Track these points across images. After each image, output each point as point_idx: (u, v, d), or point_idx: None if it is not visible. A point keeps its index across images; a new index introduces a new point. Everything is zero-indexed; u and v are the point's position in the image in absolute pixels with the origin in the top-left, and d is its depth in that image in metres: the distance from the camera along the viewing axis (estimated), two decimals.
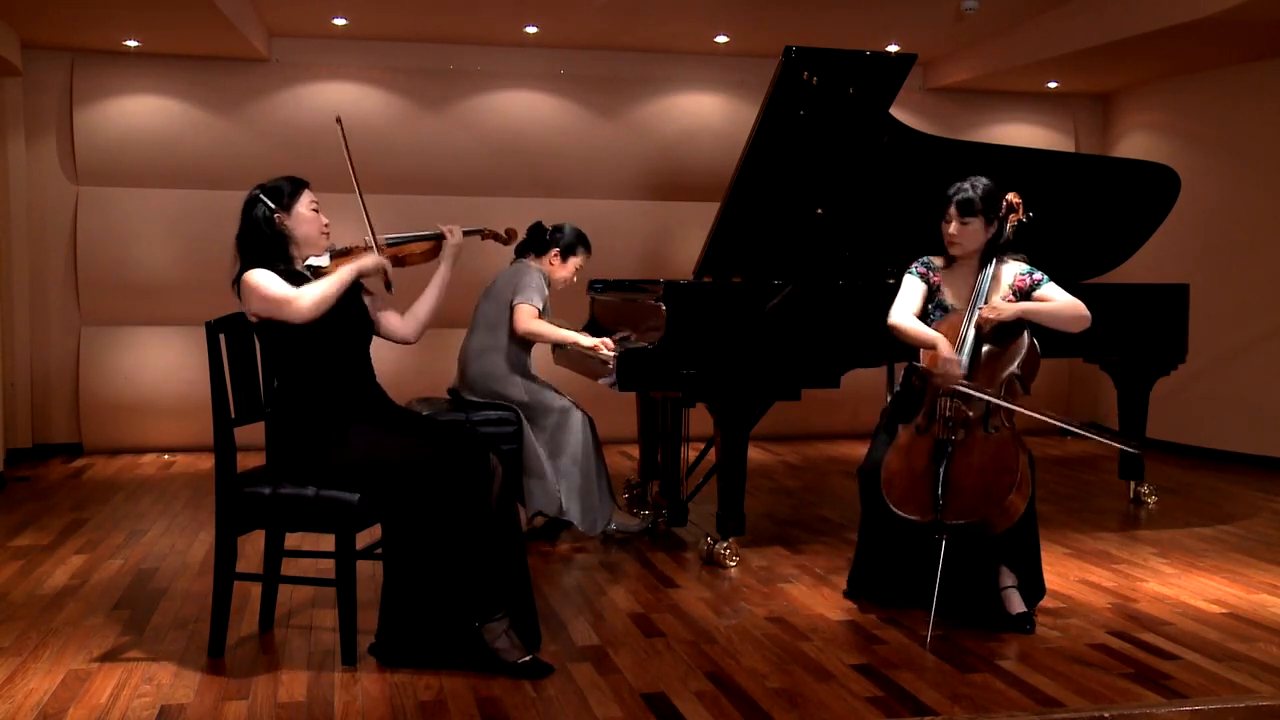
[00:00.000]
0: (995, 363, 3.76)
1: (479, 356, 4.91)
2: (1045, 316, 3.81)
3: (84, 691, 3.18)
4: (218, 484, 3.46)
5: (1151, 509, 5.73)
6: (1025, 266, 3.92)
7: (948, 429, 3.68)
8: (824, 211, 5.18)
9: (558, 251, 5.03)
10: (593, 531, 4.89)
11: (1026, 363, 3.77)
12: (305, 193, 3.55)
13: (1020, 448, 3.66)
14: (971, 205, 3.81)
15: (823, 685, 3.25)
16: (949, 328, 3.85)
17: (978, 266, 3.90)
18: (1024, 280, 3.88)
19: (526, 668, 3.28)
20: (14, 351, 7.06)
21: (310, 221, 3.53)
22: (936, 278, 3.99)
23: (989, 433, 3.68)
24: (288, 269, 3.48)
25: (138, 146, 7.21)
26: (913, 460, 3.72)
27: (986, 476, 3.60)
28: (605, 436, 5.14)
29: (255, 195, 3.51)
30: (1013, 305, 3.79)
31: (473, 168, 7.62)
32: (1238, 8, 5.74)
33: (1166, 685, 3.26)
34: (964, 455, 3.66)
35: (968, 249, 3.88)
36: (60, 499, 5.89)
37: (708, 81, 7.94)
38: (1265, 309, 7.10)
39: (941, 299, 3.96)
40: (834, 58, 4.71)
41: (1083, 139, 8.56)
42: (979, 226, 3.84)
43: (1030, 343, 3.78)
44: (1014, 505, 3.59)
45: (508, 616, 3.34)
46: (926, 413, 3.76)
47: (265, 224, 3.47)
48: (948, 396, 3.70)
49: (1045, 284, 3.88)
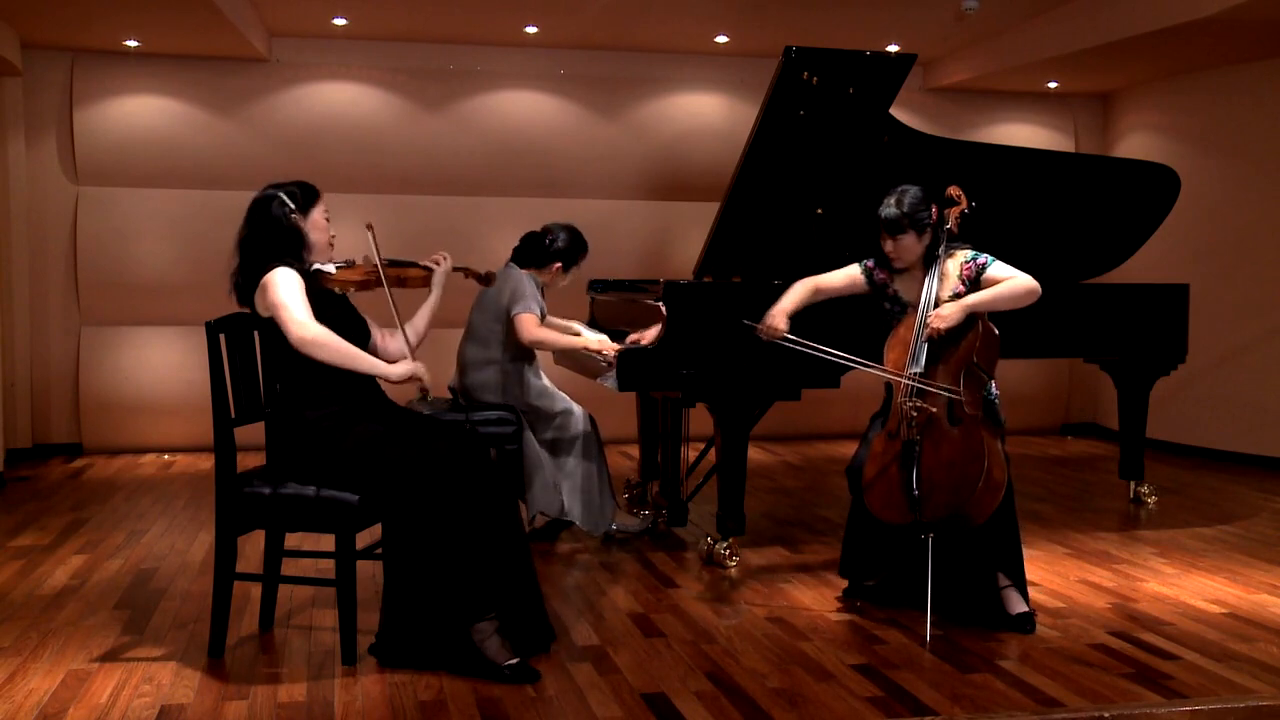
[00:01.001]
0: (950, 356, 3.77)
1: (474, 369, 4.89)
2: (993, 302, 3.79)
3: (84, 691, 3.18)
4: (218, 484, 3.46)
5: (1151, 509, 5.73)
6: (969, 253, 3.91)
7: (911, 429, 3.70)
8: (824, 211, 5.18)
9: (559, 266, 4.91)
10: (596, 531, 4.89)
11: (983, 350, 3.77)
12: (321, 201, 3.60)
13: (989, 434, 3.68)
14: (897, 223, 3.83)
15: (823, 685, 3.25)
16: (906, 329, 3.86)
17: (924, 268, 3.92)
18: (970, 267, 3.88)
19: (513, 671, 3.26)
20: (14, 351, 7.06)
21: (322, 229, 3.57)
22: (883, 275, 4.01)
23: (953, 425, 3.69)
24: (299, 268, 3.47)
25: (138, 146, 7.21)
26: (886, 465, 3.76)
27: (957, 469, 3.63)
28: (605, 436, 5.13)
29: (273, 194, 3.51)
30: (959, 304, 3.77)
31: (473, 168, 7.62)
32: (1238, 8, 5.74)
33: (1166, 685, 3.26)
34: (932, 451, 3.68)
35: (908, 261, 3.91)
36: (60, 499, 5.89)
37: (708, 81, 7.94)
38: (1265, 309, 7.10)
39: (898, 295, 3.99)
40: (834, 58, 4.71)
41: (1083, 139, 8.56)
42: (911, 240, 3.86)
43: (983, 330, 3.77)
44: (987, 494, 3.61)
45: (498, 619, 3.32)
46: (895, 417, 3.78)
47: (284, 221, 3.48)
48: (907, 400, 3.71)
49: (991, 265, 3.86)
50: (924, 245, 3.87)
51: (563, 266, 4.95)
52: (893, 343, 3.90)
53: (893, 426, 3.79)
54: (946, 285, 3.88)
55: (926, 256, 3.89)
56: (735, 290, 4.64)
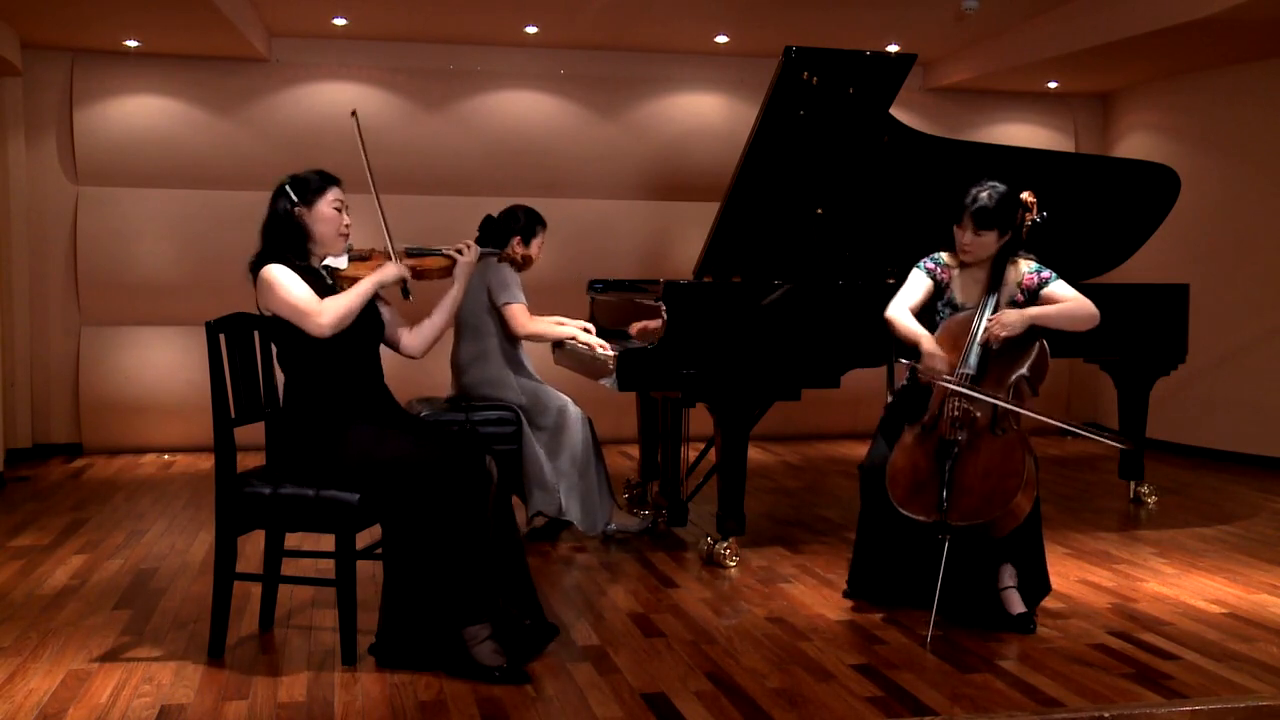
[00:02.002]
0: (1005, 366, 3.74)
1: (472, 363, 4.89)
2: (1055, 320, 3.79)
3: (84, 691, 3.18)
4: (218, 484, 3.46)
5: (1151, 509, 5.73)
6: (1034, 265, 3.90)
7: (954, 429, 3.66)
8: (824, 211, 5.18)
9: (519, 239, 4.95)
10: (592, 531, 4.89)
11: (1036, 365, 3.75)
12: (331, 190, 3.49)
13: (1027, 450, 3.65)
14: (989, 218, 3.77)
15: (823, 685, 3.25)
16: (959, 326, 3.83)
17: (989, 270, 3.88)
18: (1032, 279, 3.87)
19: (504, 675, 3.22)
20: (14, 351, 7.06)
21: (329, 220, 3.48)
22: (945, 275, 3.97)
23: (996, 435, 3.66)
24: (304, 266, 3.47)
25: (138, 146, 7.21)
26: (917, 459, 3.71)
27: (992, 479, 3.59)
28: (605, 436, 5.14)
29: (282, 186, 3.49)
30: (1022, 314, 3.75)
31: (473, 168, 7.62)
32: (1238, 8, 5.74)
33: (1166, 685, 3.26)
34: (971, 457, 3.64)
35: (980, 258, 3.86)
36: (60, 499, 5.89)
37: (708, 81, 7.94)
38: (1265, 309, 7.10)
39: (951, 297, 3.95)
40: (834, 58, 4.71)
41: (1083, 139, 8.56)
42: (993, 238, 3.82)
43: (1041, 347, 3.77)
44: (1019, 508, 3.59)
45: (491, 624, 3.30)
46: (934, 413, 3.75)
47: (285, 217, 3.46)
48: (954, 397, 3.69)
49: (1053, 282, 3.86)
50: (1000, 246, 3.85)
51: (521, 239, 4.96)
52: (941, 338, 3.84)
53: (928, 421, 3.73)
54: (1005, 293, 3.85)
55: (997, 258, 3.86)
56: (735, 290, 4.64)
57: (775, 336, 4.56)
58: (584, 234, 7.61)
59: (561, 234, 5.20)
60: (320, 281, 3.47)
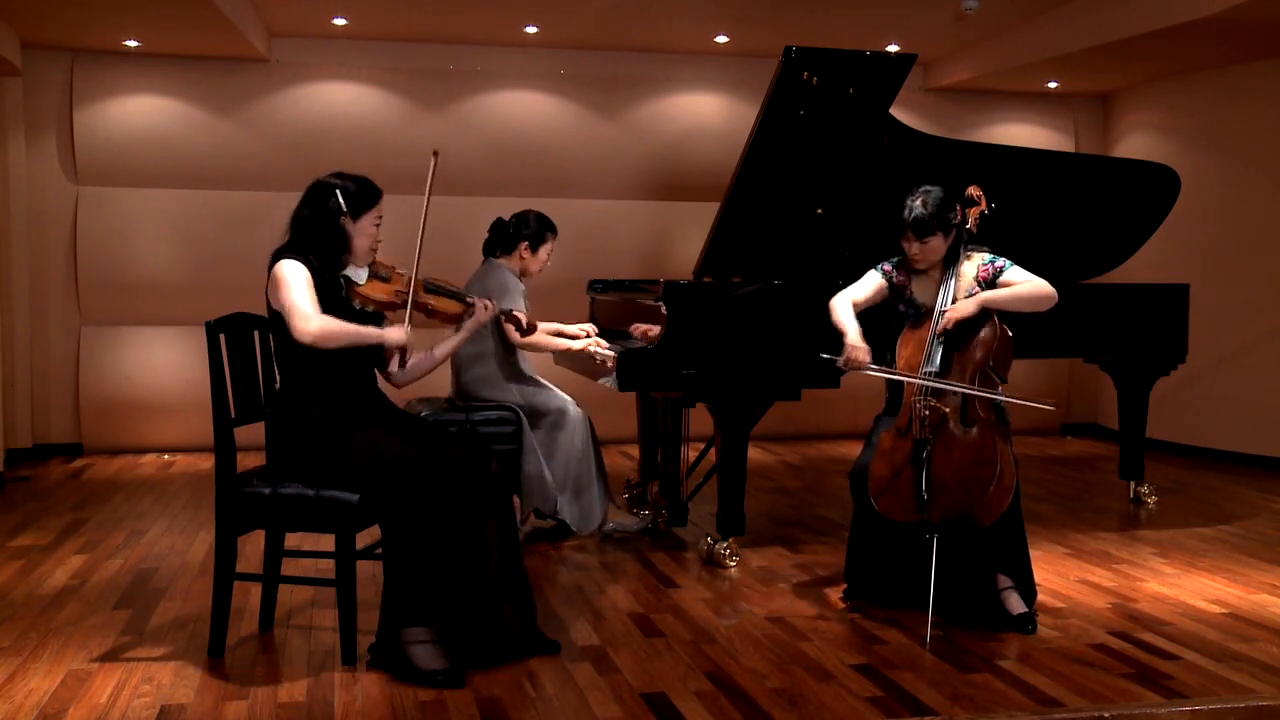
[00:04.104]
0: (965, 356, 3.77)
1: (470, 365, 4.89)
2: (1006, 302, 3.80)
3: (84, 691, 3.18)
4: (218, 484, 3.46)
5: (1151, 509, 5.73)
6: (988, 256, 3.92)
7: (924, 429, 3.69)
8: (824, 211, 5.18)
9: (527, 244, 4.97)
10: (584, 531, 4.89)
11: (998, 352, 3.77)
12: (376, 207, 3.52)
13: (1000, 438, 3.67)
14: (926, 226, 3.81)
15: (823, 685, 3.25)
16: (921, 330, 3.86)
17: (942, 269, 3.91)
18: (988, 270, 3.89)
19: (445, 678, 3.18)
20: (14, 351, 7.06)
21: (368, 236, 3.50)
22: (902, 278, 4.00)
23: (968, 428, 3.68)
24: (323, 271, 3.44)
25: (138, 146, 7.21)
26: (895, 463, 3.74)
27: (967, 470, 3.62)
28: (605, 436, 5.14)
29: (334, 186, 3.46)
30: (973, 299, 3.79)
31: (473, 168, 7.62)
32: (1238, 8, 5.73)
33: (1166, 685, 3.26)
34: (943, 452, 3.67)
35: (932, 261, 3.91)
36: (60, 499, 5.89)
37: (708, 81, 7.94)
38: (1265, 309, 7.10)
39: (912, 298, 3.98)
40: (834, 58, 4.71)
41: (1083, 139, 8.56)
42: (938, 242, 3.85)
43: (998, 331, 3.77)
44: (997, 497, 3.60)
45: (434, 629, 3.26)
46: (906, 416, 3.77)
47: (329, 220, 3.43)
48: (922, 399, 3.71)
49: (1008, 269, 3.87)
50: (947, 246, 3.86)
51: (530, 245, 4.96)
52: (906, 339, 3.88)
53: (902, 424, 3.77)
54: (962, 286, 3.87)
55: (947, 257, 3.88)
56: (735, 290, 4.64)
57: (775, 336, 4.56)
58: (584, 234, 7.60)
59: (561, 234, 5.19)
60: (335, 290, 3.47)
